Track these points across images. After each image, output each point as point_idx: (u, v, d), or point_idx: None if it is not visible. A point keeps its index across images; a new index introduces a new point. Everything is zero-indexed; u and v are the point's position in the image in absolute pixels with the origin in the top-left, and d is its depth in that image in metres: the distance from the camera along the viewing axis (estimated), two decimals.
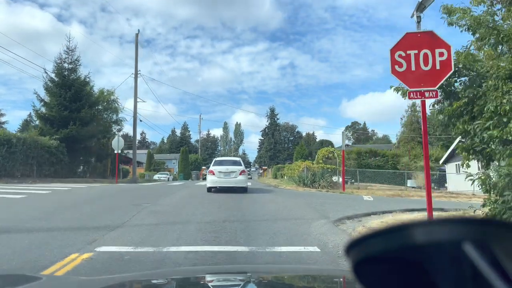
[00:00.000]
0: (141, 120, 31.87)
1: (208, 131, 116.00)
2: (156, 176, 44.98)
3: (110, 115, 33.17)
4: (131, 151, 70.20)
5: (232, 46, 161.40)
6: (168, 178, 44.87)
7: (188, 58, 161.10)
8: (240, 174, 14.74)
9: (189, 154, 64.07)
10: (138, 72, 33.10)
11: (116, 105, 32.32)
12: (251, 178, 72.34)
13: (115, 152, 25.90)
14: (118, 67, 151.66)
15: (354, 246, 0.49)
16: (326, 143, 56.71)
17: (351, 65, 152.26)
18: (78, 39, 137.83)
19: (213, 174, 14.62)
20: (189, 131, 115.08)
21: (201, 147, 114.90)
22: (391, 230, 0.45)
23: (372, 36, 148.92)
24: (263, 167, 48.31)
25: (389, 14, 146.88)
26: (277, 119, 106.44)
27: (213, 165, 15.16)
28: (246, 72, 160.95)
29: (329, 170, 20.45)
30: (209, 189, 14.71)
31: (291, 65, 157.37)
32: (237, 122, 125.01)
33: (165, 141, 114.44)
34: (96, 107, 31.35)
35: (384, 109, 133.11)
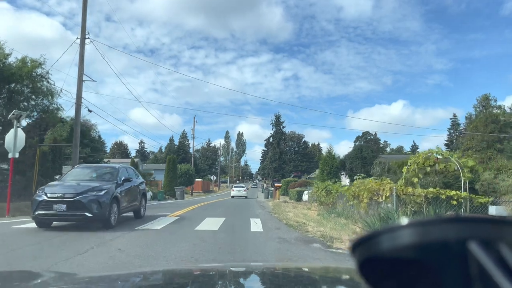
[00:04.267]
0: (90, 111, 19.33)
1: (209, 140, 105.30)
2: None
3: (42, 101, 21.30)
4: (112, 160, 57.34)
5: (236, 57, 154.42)
6: None
7: (192, 69, 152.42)
8: (244, 190, 39.79)
9: (181, 164, 51.86)
10: (87, 37, 21.18)
11: (47, 84, 20.39)
12: (256, 189, 62.41)
13: (9, 156, 14.00)
14: (121, 77, 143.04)
15: (360, 245, 0.47)
16: (367, 149, 40.89)
17: (355, 77, 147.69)
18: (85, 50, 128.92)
19: (233, 190, 40.60)
20: (188, 140, 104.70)
21: (201, 157, 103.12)
22: (396, 228, 0.44)
23: (376, 48, 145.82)
24: (276, 184, 35.50)
25: (393, 27, 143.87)
26: (283, 127, 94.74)
27: (233, 187, 45.01)
28: (250, 83, 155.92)
29: (454, 202, 8.37)
30: (232, 197, 37.55)
31: (294, 76, 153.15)
32: (239, 132, 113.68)
33: (163, 150, 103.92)
34: (12, 86, 19.52)
35: (390, 120, 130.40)
